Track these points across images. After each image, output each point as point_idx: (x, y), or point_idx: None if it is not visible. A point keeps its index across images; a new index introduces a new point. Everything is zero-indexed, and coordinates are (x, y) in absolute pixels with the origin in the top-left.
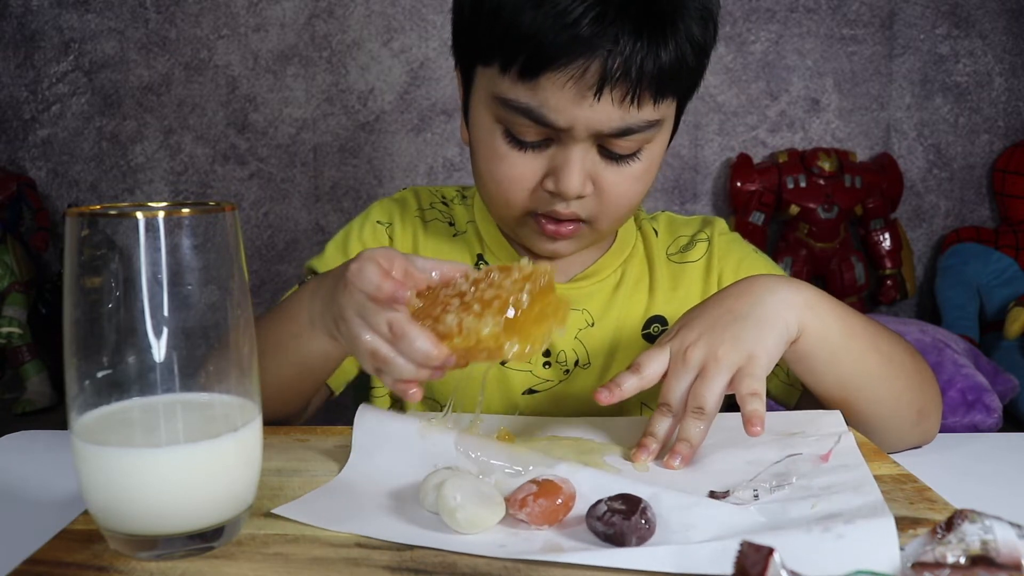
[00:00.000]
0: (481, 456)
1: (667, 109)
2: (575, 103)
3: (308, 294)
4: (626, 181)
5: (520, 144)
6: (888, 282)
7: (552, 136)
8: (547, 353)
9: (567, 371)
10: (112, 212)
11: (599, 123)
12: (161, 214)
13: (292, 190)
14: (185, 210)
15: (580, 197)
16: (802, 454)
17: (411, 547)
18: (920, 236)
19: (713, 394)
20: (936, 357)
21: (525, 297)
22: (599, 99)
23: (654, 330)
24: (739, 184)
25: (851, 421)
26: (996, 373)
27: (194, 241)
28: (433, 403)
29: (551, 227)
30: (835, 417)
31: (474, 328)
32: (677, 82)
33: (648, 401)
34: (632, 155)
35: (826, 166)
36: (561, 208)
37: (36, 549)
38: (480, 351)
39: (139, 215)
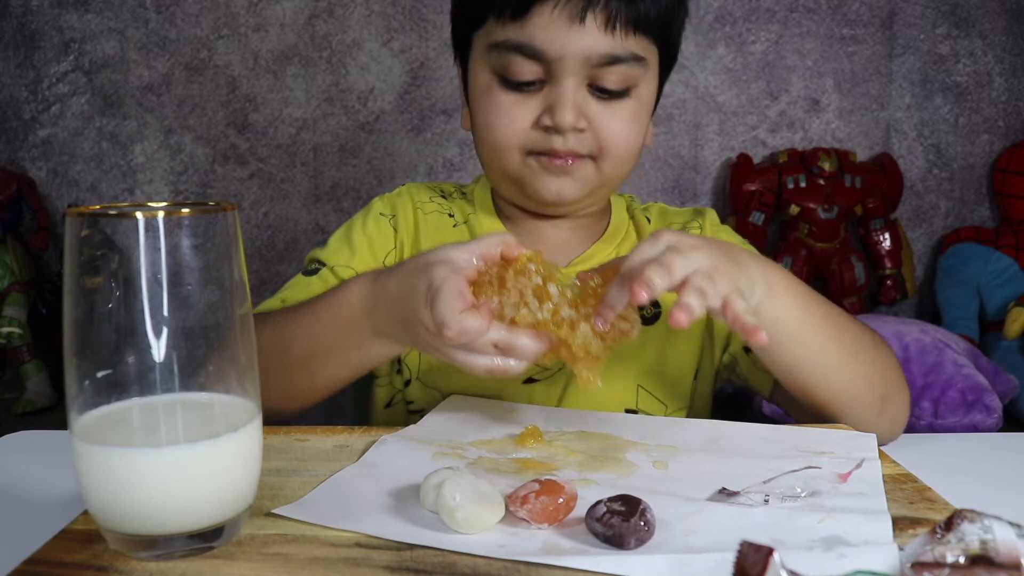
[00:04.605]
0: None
1: (648, 49)
2: (563, 30)
3: (361, 309)
4: (617, 120)
5: (515, 88)
6: (888, 282)
7: (545, 77)
8: None
9: None
10: (112, 212)
11: (587, 48)
12: (161, 214)
13: (292, 190)
14: (185, 210)
15: (575, 131)
16: (821, 469)
17: (411, 547)
18: (920, 236)
19: (716, 294)
20: (936, 357)
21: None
22: (583, 23)
23: (646, 311)
24: (739, 184)
25: (811, 405)
26: (996, 373)
27: (194, 241)
28: (436, 392)
29: (557, 161)
30: (869, 440)
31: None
32: (655, 10)
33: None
34: (620, 94)
35: (826, 166)
36: (558, 144)
37: (36, 549)
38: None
39: (139, 215)
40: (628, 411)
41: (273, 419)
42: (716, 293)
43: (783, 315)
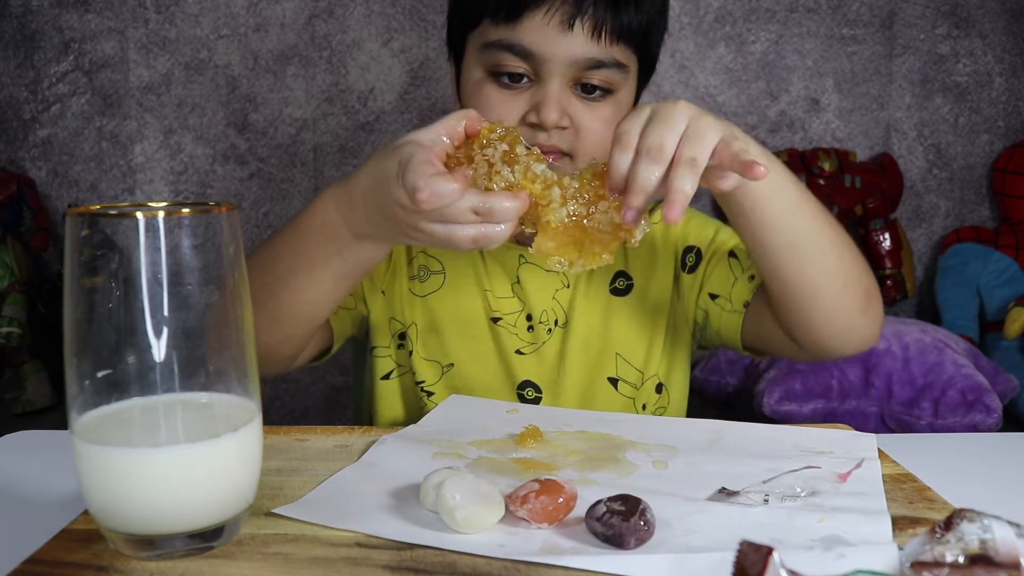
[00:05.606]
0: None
1: (629, 58)
2: (552, 35)
3: (337, 213)
4: (597, 122)
5: (505, 85)
6: (888, 282)
7: (532, 76)
8: (529, 317)
9: (549, 331)
10: (112, 212)
11: (574, 53)
12: (161, 214)
13: (292, 190)
14: (185, 210)
15: (558, 129)
16: (821, 468)
17: (411, 546)
18: (920, 236)
19: (706, 149)
20: (936, 357)
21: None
22: (572, 29)
23: (620, 284)
24: None
25: (803, 298)
26: (996, 373)
27: (194, 241)
28: (436, 364)
29: None
30: (868, 440)
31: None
32: (637, 22)
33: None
34: (602, 95)
35: (826, 166)
36: (543, 139)
37: (36, 549)
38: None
39: (139, 215)
40: (609, 379)
41: (270, 365)
42: (706, 147)
43: (782, 181)
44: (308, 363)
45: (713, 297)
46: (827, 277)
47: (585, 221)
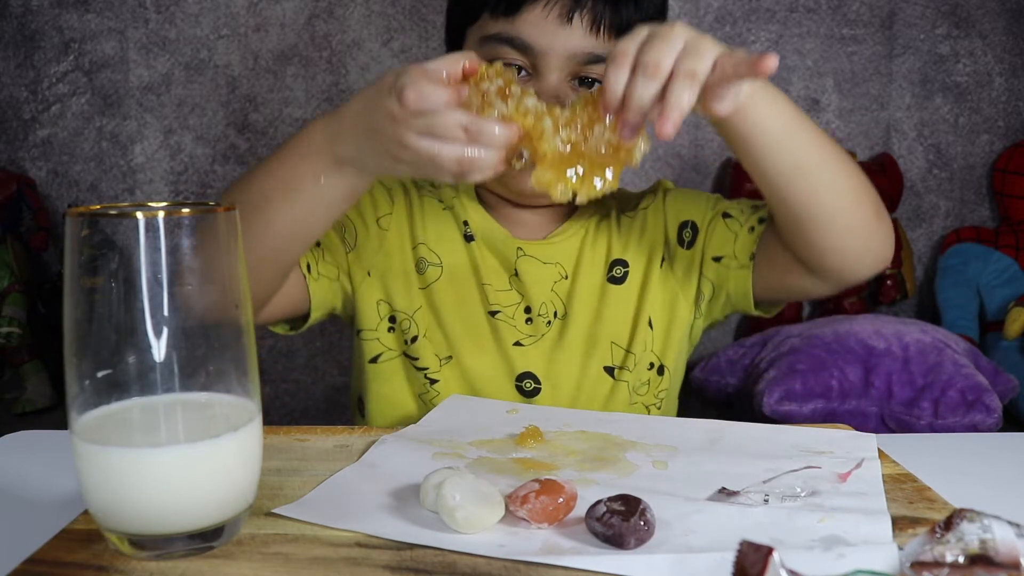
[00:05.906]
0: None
1: None
2: (551, 28)
3: (323, 137)
4: None
5: None
6: (888, 282)
7: (531, 69)
8: (528, 310)
9: (548, 323)
10: (112, 212)
11: (572, 47)
12: (161, 214)
13: None
14: (185, 210)
15: None
16: (821, 468)
17: (411, 546)
18: (920, 236)
19: (705, 63)
20: (936, 357)
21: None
22: (571, 23)
23: (616, 272)
24: (739, 184)
25: (817, 221)
26: (996, 373)
27: (194, 241)
28: (435, 358)
29: None
30: (868, 440)
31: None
32: (636, 18)
33: (651, 405)
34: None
35: None
36: None
37: (36, 549)
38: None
39: (139, 215)
40: (606, 368)
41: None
42: (705, 60)
43: (780, 103)
44: (283, 329)
45: (717, 260)
46: (837, 196)
47: (582, 147)
